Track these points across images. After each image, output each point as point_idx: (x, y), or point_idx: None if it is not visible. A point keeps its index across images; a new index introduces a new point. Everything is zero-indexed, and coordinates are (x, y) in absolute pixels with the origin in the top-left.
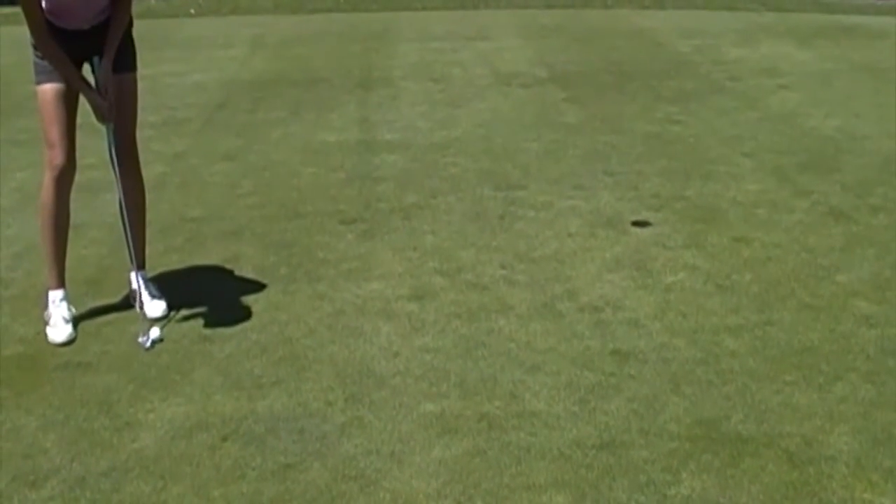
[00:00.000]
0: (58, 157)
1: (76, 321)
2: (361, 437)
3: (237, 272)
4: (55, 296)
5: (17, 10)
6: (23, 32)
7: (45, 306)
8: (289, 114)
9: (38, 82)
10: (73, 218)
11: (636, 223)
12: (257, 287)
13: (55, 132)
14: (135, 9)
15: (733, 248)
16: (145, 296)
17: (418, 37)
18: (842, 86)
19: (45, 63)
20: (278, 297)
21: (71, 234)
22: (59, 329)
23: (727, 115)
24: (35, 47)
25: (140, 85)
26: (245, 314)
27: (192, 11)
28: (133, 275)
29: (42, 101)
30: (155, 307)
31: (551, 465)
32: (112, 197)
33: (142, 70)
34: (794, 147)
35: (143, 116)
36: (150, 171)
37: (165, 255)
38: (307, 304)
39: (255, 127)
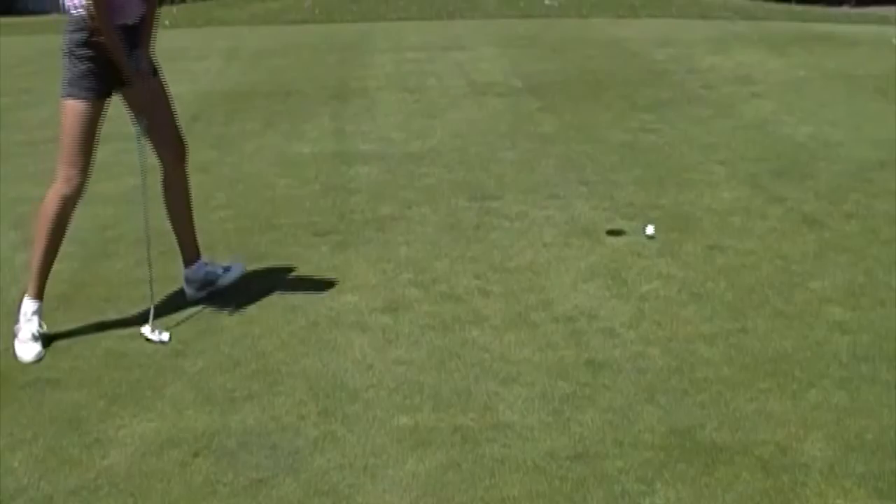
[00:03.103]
0: (77, 176)
1: (46, 339)
2: (334, 452)
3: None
4: (28, 307)
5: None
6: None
7: (17, 320)
8: (263, 125)
9: (68, 95)
10: None
11: (611, 232)
12: (230, 300)
13: (77, 150)
14: None
15: (707, 256)
16: (217, 270)
17: (393, 47)
18: (815, 93)
19: (80, 72)
20: (251, 309)
21: None
22: (27, 346)
23: (701, 124)
24: (72, 53)
25: (113, 97)
26: (218, 328)
27: (167, 23)
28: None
29: (68, 115)
30: (232, 274)
31: (525, 478)
32: (85, 212)
33: None
34: (767, 154)
35: (116, 128)
36: (122, 183)
37: (138, 268)
38: (281, 316)
39: (230, 139)
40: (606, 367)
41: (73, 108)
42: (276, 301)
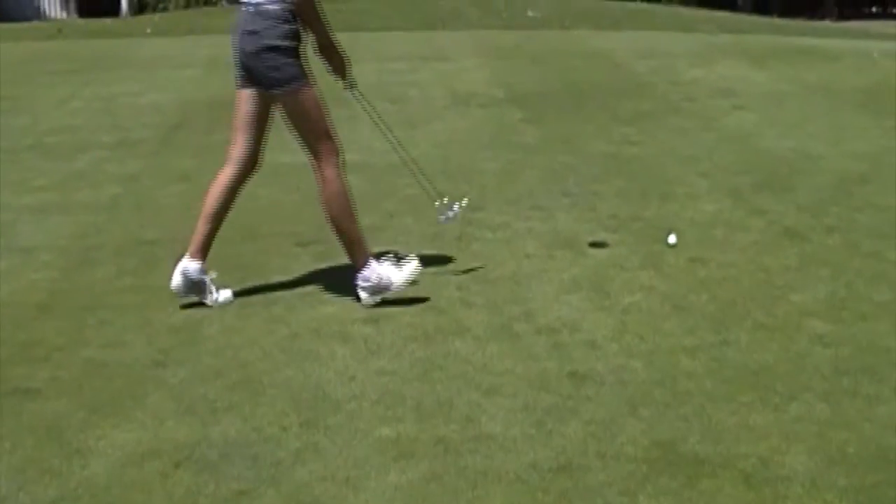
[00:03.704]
0: (335, 146)
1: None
2: (316, 463)
3: (192, 295)
4: (370, 268)
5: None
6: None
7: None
8: None
9: (300, 86)
10: (24, 241)
11: (593, 244)
12: (212, 310)
13: (327, 124)
14: (90, 28)
15: (690, 269)
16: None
17: (376, 57)
18: (796, 106)
19: (297, 61)
20: (233, 320)
21: (20, 258)
22: (406, 268)
23: (683, 136)
24: (279, 46)
25: (95, 105)
26: (199, 338)
27: (149, 31)
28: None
29: (309, 101)
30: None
31: (507, 490)
32: (65, 220)
33: (97, 90)
34: (749, 167)
35: (96, 137)
36: (103, 192)
37: (119, 279)
38: (262, 327)
39: (212, 148)
40: (589, 380)
41: (311, 94)
42: (258, 311)
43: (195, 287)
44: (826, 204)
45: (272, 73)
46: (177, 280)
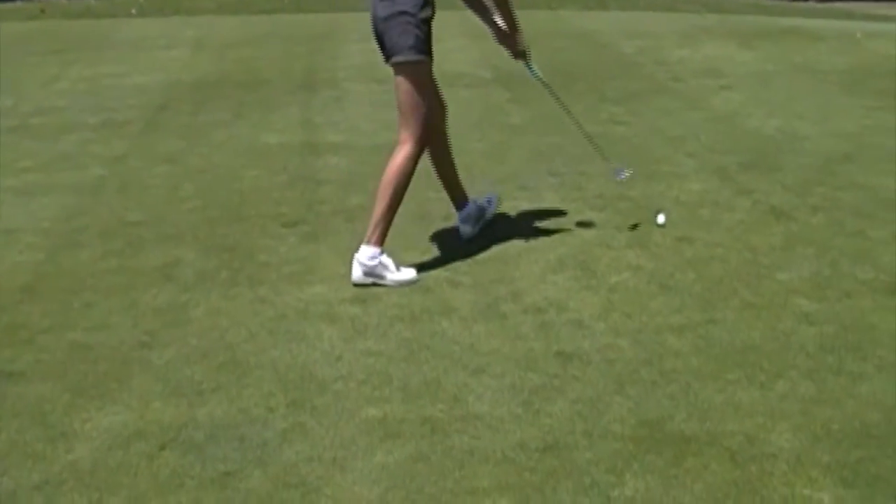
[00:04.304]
0: (426, 134)
1: (15, 329)
2: (303, 444)
3: (177, 276)
4: (377, 252)
5: None
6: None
7: (379, 265)
8: (231, 116)
9: (419, 53)
10: (8, 223)
11: (580, 223)
12: (198, 291)
13: (426, 111)
14: (74, 8)
15: (676, 248)
16: (483, 203)
17: (363, 38)
18: (782, 86)
19: (423, 34)
20: (219, 301)
21: (4, 240)
22: (405, 271)
23: (670, 116)
24: (412, 16)
25: (79, 86)
26: (185, 319)
27: (134, 11)
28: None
29: (420, 73)
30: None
31: (495, 469)
32: (49, 202)
33: (81, 70)
34: (735, 147)
35: (81, 118)
36: (88, 174)
37: (104, 260)
38: (249, 308)
39: (197, 129)
40: (576, 359)
41: (425, 69)
42: (244, 292)
43: (479, 217)
44: (811, 183)
45: (397, 39)
46: (466, 229)
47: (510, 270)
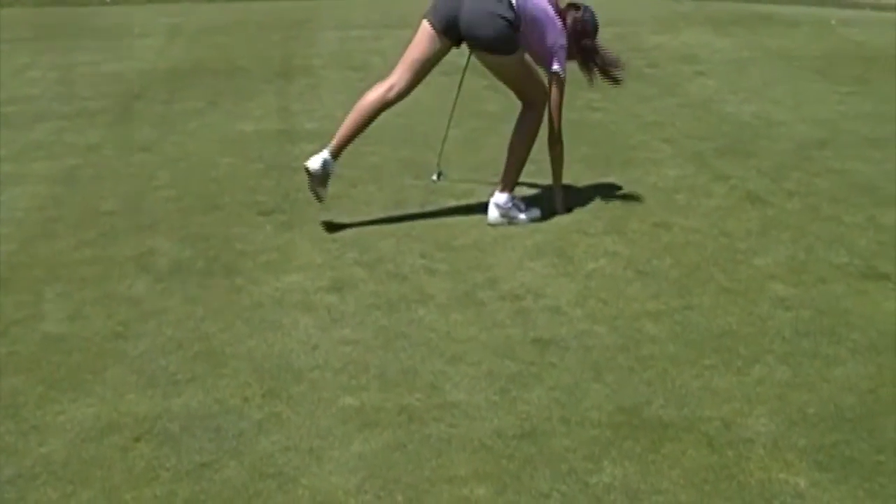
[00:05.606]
0: (401, 88)
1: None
2: (279, 434)
3: (152, 266)
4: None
5: None
6: None
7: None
8: (206, 104)
9: (424, 16)
10: None
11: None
12: (173, 281)
13: (411, 67)
14: None
15: (653, 234)
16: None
17: (339, 25)
18: (758, 73)
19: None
20: (195, 290)
21: None
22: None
23: (647, 102)
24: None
25: (52, 74)
26: (160, 309)
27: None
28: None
29: (417, 33)
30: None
31: (472, 457)
32: (22, 191)
33: (55, 58)
34: (712, 133)
35: (54, 106)
36: (62, 163)
37: (78, 250)
38: (224, 297)
39: (172, 117)
40: (553, 346)
41: (423, 29)
42: (220, 282)
43: (508, 216)
44: (786, 169)
45: (495, 36)
46: (493, 214)
47: (487, 258)
